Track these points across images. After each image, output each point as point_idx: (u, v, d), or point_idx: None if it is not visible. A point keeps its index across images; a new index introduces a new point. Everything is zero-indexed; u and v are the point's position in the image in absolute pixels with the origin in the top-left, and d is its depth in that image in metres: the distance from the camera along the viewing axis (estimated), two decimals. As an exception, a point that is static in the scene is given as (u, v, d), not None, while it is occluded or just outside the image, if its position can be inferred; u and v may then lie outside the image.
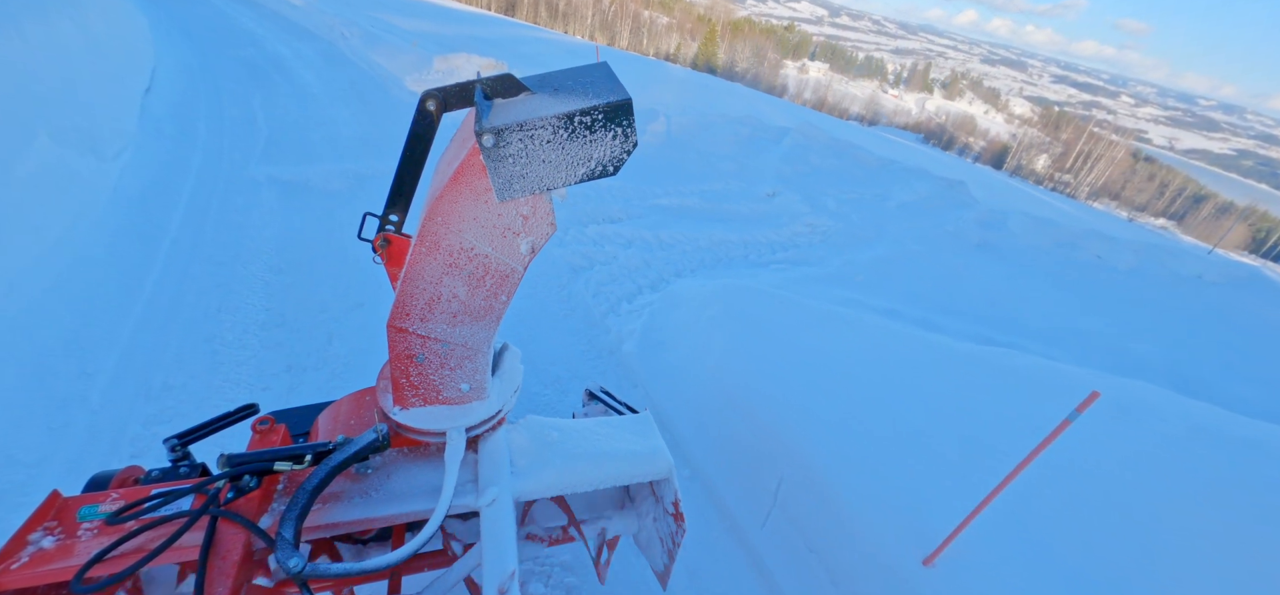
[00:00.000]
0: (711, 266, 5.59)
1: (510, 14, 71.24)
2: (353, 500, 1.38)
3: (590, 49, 32.93)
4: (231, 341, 3.77)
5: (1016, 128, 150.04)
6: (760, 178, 8.09)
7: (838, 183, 8.19)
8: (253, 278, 4.43)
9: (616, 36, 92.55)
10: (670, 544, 1.70)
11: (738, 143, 9.17)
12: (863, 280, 5.54)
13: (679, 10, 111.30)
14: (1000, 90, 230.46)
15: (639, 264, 5.24)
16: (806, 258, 6.03)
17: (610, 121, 1.07)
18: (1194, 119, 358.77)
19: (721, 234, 6.21)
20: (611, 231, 5.83)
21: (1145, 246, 6.99)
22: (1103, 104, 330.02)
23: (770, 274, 5.43)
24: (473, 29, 25.33)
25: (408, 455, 1.53)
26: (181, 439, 1.52)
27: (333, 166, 6.63)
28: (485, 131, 1.01)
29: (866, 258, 6.05)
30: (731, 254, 5.96)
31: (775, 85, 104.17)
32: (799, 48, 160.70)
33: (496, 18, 37.19)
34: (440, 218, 1.19)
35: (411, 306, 1.31)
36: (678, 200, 7.00)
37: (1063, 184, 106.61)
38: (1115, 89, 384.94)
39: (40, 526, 1.18)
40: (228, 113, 7.73)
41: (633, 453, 1.61)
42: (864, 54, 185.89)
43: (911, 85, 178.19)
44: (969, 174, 28.92)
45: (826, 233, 6.71)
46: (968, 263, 6.30)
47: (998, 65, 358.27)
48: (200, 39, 11.37)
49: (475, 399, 1.51)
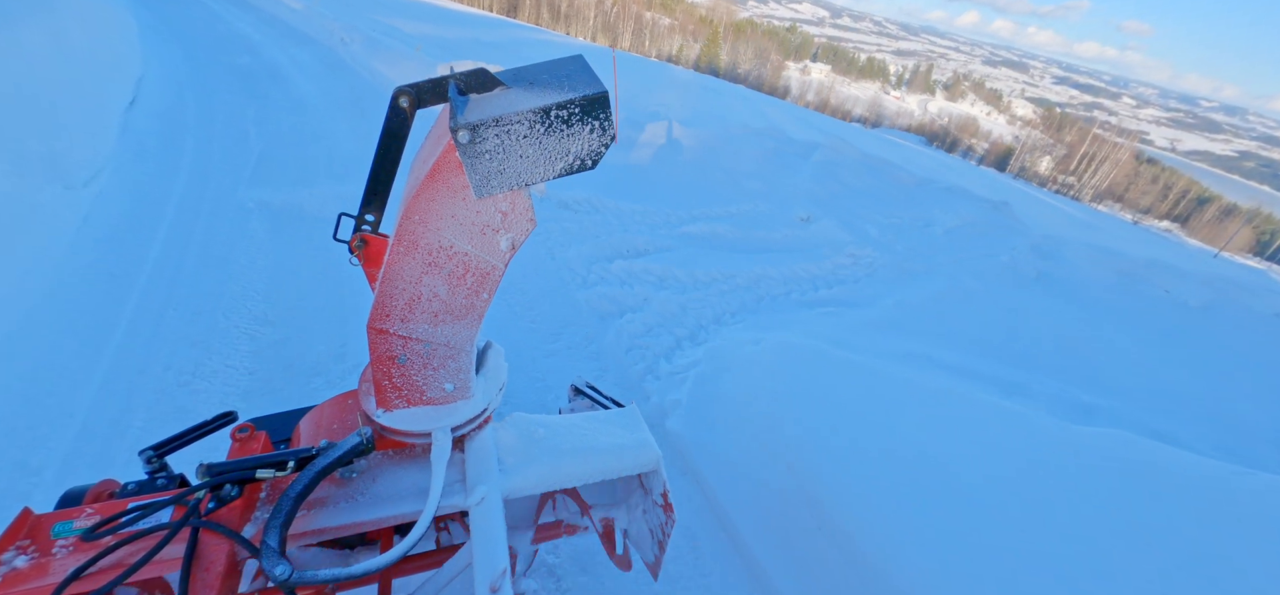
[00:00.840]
0: (753, 309, 5.00)
1: (512, 15, 70.84)
2: (339, 505, 1.35)
3: (601, 52, 32.38)
4: (207, 415, 3.17)
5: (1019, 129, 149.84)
6: (792, 199, 7.50)
7: (875, 205, 7.60)
8: (236, 331, 3.84)
9: (619, 38, 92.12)
10: (660, 535, 1.68)
11: (763, 159, 8.59)
12: (923, 325, 4.96)
13: (681, 12, 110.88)
14: (1002, 91, 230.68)
15: (675, 310, 4.65)
16: (856, 297, 5.44)
17: (587, 115, 1.05)
18: (1196, 120, 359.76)
19: (759, 268, 5.62)
20: (640, 268, 5.24)
21: (1217, 280, 6.41)
22: (1104, 105, 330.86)
23: (820, 318, 4.84)
24: (475, 32, 24.76)
25: (393, 457, 1.50)
26: (158, 450, 1.46)
27: (329, 189, 6.04)
28: (460, 127, 1.00)
29: (920, 296, 5.46)
30: (772, 291, 5.37)
31: (778, 87, 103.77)
32: (801, 49, 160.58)
33: (499, 20, 36.56)
34: (417, 216, 1.18)
35: (391, 307, 1.30)
36: (707, 227, 6.41)
37: (1067, 187, 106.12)
38: (1117, 90, 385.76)
39: (11, 546, 1.13)
40: (218, 128, 7.13)
41: (620, 446, 1.62)
42: (866, 55, 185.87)
43: (913, 87, 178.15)
44: (1009, 192, 28.24)
45: (872, 265, 6.12)
46: (1030, 300, 5.71)
47: (1000, 66, 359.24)
48: (193, 46, 10.78)
49: (460, 398, 1.49)
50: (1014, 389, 4.20)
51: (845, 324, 4.77)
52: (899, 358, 4.25)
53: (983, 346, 4.80)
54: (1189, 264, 8.48)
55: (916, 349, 4.49)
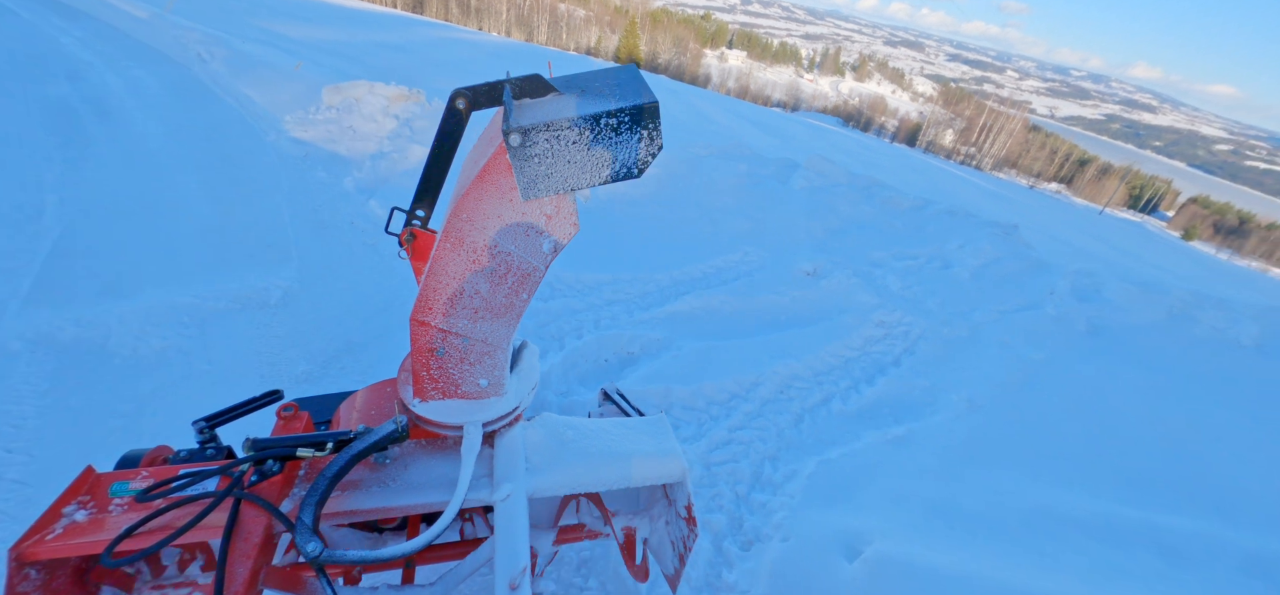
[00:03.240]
0: (795, 442, 3.61)
1: (418, 12, 66.36)
2: (371, 489, 1.36)
3: (515, 47, 29.97)
4: None
5: (922, 105, 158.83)
6: (788, 244, 6.20)
7: (879, 241, 6.43)
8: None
9: (534, 31, 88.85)
10: (682, 548, 1.65)
11: (739, 188, 7.24)
12: (1010, 440, 3.76)
13: (595, 3, 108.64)
14: (904, 70, 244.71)
15: (700, 475, 3.18)
16: (910, 394, 4.17)
17: (636, 124, 1.06)
18: (1069, 89, 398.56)
19: (780, 361, 4.24)
20: (630, 393, 3.72)
21: (1264, 311, 5.69)
22: (992, 79, 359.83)
23: (888, 450, 3.53)
24: (377, 33, 22.01)
25: (425, 447, 1.51)
26: (209, 421, 1.51)
27: (158, 298, 4.09)
28: (512, 131, 1.02)
29: (987, 385, 4.28)
30: (808, 399, 4.01)
31: (699, 76, 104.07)
32: (717, 36, 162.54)
33: (404, 18, 33.17)
34: (465, 214, 1.20)
35: (434, 301, 1.31)
36: (699, 299, 4.97)
37: (970, 157, 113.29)
38: (1002, 65, 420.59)
39: (74, 500, 1.19)
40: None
41: (647, 454, 1.59)
42: (778, 40, 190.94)
43: (825, 69, 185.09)
44: (925, 169, 28.21)
45: (908, 334, 4.90)
46: (1103, 372, 4.69)
47: (898, 46, 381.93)
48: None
49: (493, 394, 1.49)
50: (1187, 549, 3.05)
51: (924, 457, 3.49)
52: (1035, 530, 3.00)
53: (1093, 464, 3.66)
54: (1225, 289, 7.95)
55: (1033, 496, 3.27)
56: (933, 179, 24.16)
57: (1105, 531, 3.08)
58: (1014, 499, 3.22)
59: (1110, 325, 5.37)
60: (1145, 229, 57.72)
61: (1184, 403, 4.43)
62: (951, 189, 22.30)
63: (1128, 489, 3.47)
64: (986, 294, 5.65)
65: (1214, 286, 14.86)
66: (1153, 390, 4.52)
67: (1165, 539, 3.12)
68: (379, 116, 7.53)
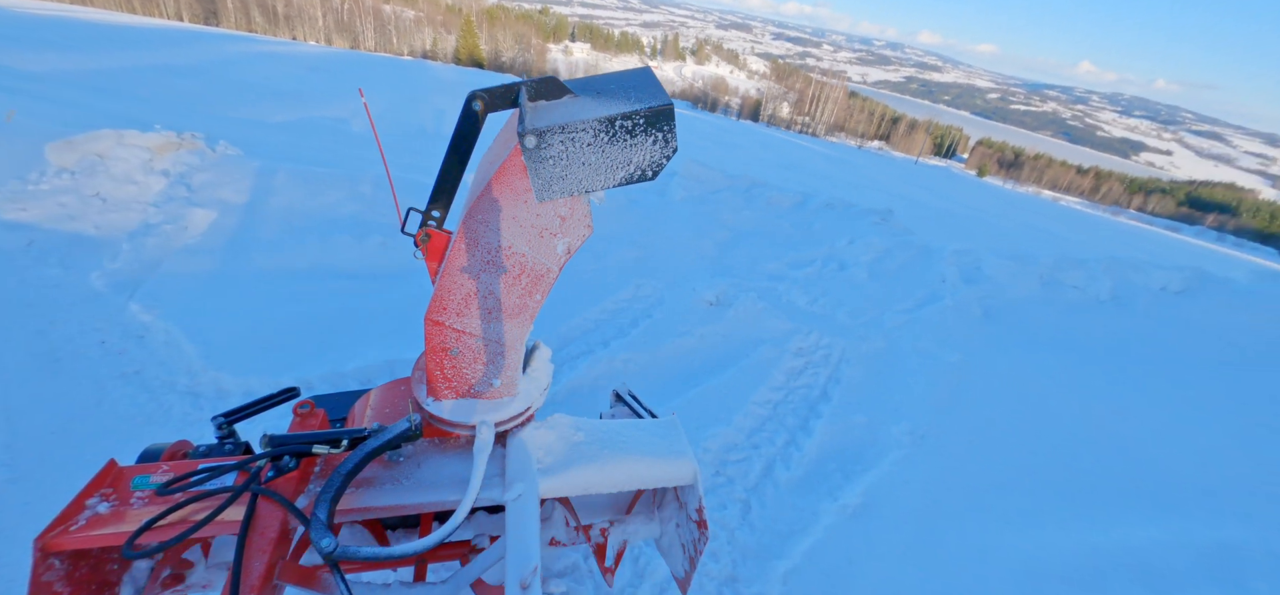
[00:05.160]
0: (743, 544, 2.92)
1: (212, 23, 57.54)
2: (384, 486, 1.36)
3: (339, 56, 26.39)
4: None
5: (759, 82, 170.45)
6: (684, 268, 5.56)
7: (773, 251, 6.03)
8: None
9: (360, 38, 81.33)
10: (692, 551, 1.61)
11: (614, 203, 6.49)
12: (964, 474, 3.42)
13: (425, 3, 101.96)
14: (738, 51, 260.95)
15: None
16: (850, 443, 3.68)
17: (651, 126, 1.06)
18: (874, 56, 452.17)
19: (712, 435, 3.56)
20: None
21: (1110, 263, 6.13)
22: (813, 53, 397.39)
23: (842, 526, 2.98)
24: (157, 55, 18.13)
25: (438, 446, 1.51)
26: (228, 417, 1.52)
27: None
28: (528, 132, 1.02)
29: (920, 410, 3.95)
30: (749, 477, 3.36)
31: (546, 70, 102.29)
32: (558, 30, 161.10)
33: (191, 32, 27.83)
34: (480, 215, 1.21)
35: (448, 301, 1.32)
36: (599, 358, 4.13)
37: (806, 126, 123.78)
38: (818, 40, 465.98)
39: (97, 492, 1.20)
40: None
41: (659, 456, 1.56)
42: (619, 30, 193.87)
43: (667, 55, 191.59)
44: (770, 140, 29.49)
45: (828, 358, 4.47)
46: (1014, 362, 4.61)
47: (729, 29, 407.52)
48: None
49: (505, 394, 1.48)
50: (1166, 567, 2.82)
51: (893, 531, 2.98)
52: (1026, 588, 2.59)
53: (1050, 487, 3.42)
54: (1067, 231, 8.63)
55: (1011, 545, 2.89)
56: (787, 155, 25.38)
57: (1091, 580, 2.77)
58: (997, 555, 2.82)
59: (998, 306, 5.41)
60: (950, 172, 66.88)
61: (1095, 385, 4.46)
62: (805, 162, 23.51)
63: (1098, 512, 3.25)
64: (889, 292, 5.45)
65: (1036, 221, 16.91)
66: (1064, 373, 4.51)
67: (1145, 560, 2.89)
68: (138, 176, 5.68)
